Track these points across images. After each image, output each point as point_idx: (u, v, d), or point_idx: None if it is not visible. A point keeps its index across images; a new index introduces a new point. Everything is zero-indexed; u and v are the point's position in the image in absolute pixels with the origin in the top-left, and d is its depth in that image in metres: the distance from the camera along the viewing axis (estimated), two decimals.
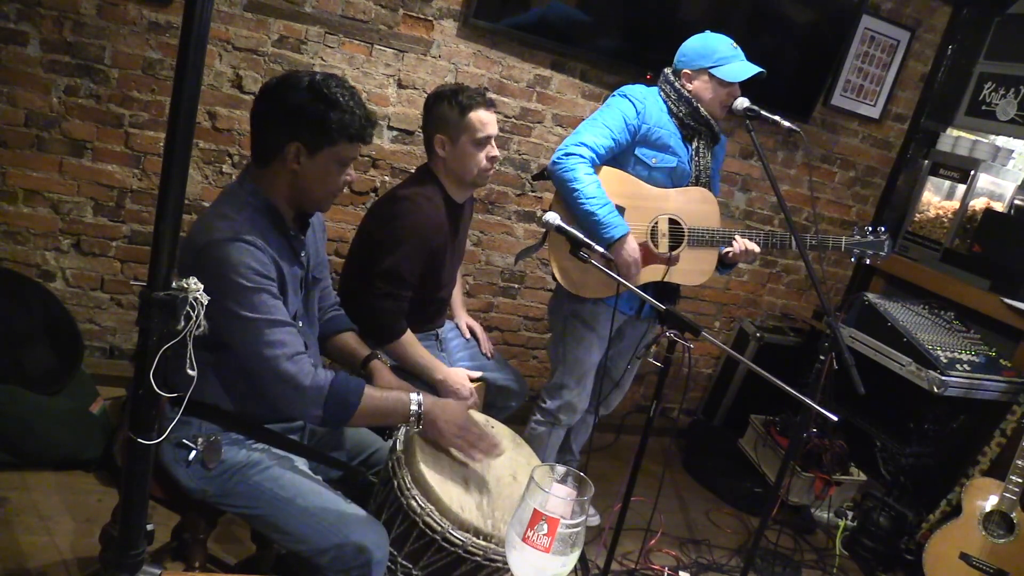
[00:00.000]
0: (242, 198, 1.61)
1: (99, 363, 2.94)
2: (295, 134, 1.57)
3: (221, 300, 1.50)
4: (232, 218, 1.55)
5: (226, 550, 2.28)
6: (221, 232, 1.52)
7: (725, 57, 2.42)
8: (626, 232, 2.37)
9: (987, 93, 3.76)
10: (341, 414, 1.59)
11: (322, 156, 1.60)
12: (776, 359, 3.65)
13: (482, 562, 1.54)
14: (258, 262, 1.53)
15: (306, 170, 1.60)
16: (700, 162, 2.53)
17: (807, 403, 1.74)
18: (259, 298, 1.52)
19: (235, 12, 2.74)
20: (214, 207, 1.63)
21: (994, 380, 3.04)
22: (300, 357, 1.56)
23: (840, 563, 3.15)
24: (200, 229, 1.56)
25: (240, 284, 1.50)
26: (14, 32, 2.53)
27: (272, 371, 1.53)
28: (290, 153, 1.59)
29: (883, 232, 2.62)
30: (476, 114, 2.22)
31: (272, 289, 1.56)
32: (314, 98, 1.56)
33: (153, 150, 2.79)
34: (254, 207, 1.60)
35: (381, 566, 1.60)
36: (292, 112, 1.57)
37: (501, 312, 3.53)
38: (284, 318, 1.56)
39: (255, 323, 1.52)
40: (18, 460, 2.42)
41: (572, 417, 2.71)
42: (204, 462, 1.62)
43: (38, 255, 2.79)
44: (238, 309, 1.51)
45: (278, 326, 1.54)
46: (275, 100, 1.59)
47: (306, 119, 1.57)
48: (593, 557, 2.61)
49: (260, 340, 1.52)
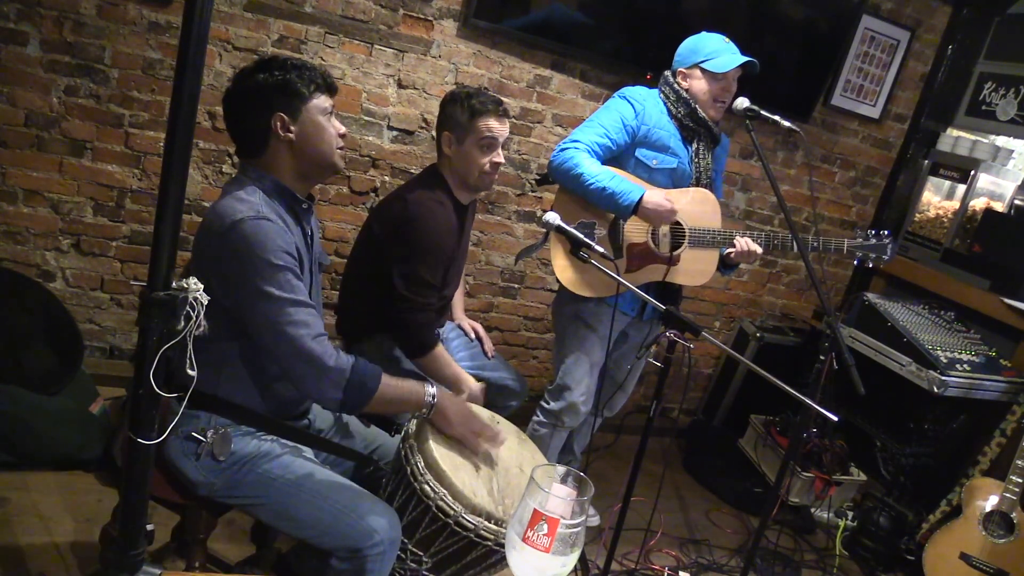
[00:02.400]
0: (251, 182, 1.63)
1: (99, 363, 2.94)
2: (271, 107, 1.61)
3: (248, 279, 1.52)
4: (249, 199, 1.57)
5: (226, 550, 2.28)
6: (243, 212, 1.53)
7: (715, 51, 2.43)
8: (643, 191, 2.37)
9: (987, 93, 3.76)
10: (360, 398, 1.60)
11: (305, 114, 1.63)
12: (776, 359, 3.64)
13: (493, 547, 1.55)
14: (283, 240, 1.55)
15: (299, 133, 1.64)
16: (700, 163, 2.53)
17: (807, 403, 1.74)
18: (284, 277, 1.54)
19: (235, 12, 2.74)
20: (224, 196, 1.63)
21: (994, 380, 3.04)
22: (323, 338, 1.57)
23: (840, 563, 3.15)
24: (218, 214, 1.56)
25: (268, 261, 1.52)
26: (14, 32, 2.53)
27: (297, 350, 1.54)
28: (277, 126, 1.62)
29: (886, 235, 2.61)
30: (485, 119, 2.23)
31: (296, 269, 1.57)
32: (269, 71, 1.62)
33: (153, 150, 2.79)
34: (264, 189, 1.62)
35: (392, 550, 1.60)
36: (258, 92, 1.62)
37: (501, 312, 3.53)
38: (307, 299, 1.58)
39: (282, 302, 1.53)
40: (18, 460, 2.41)
41: (575, 419, 2.71)
42: (214, 454, 1.62)
43: (38, 255, 2.79)
44: (265, 286, 1.52)
45: (302, 306, 1.55)
46: (239, 93, 1.64)
47: (273, 90, 1.61)
48: (593, 557, 2.61)
49: (285, 319, 1.53)
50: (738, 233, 2.52)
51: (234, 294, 1.54)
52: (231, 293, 1.54)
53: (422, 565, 1.63)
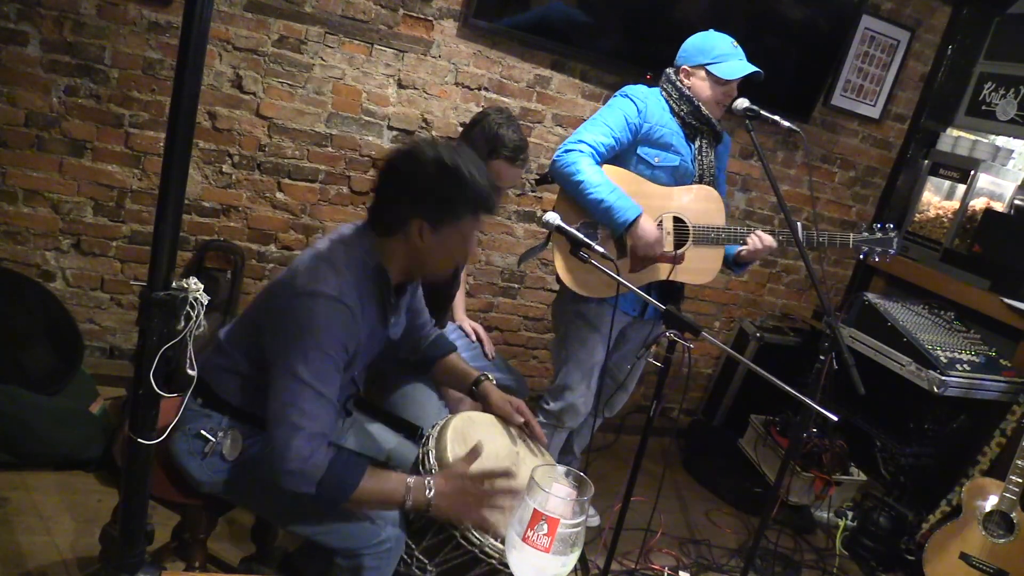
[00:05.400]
0: (358, 255, 1.57)
1: (99, 363, 2.94)
2: (418, 211, 1.54)
3: (291, 350, 1.47)
4: (343, 275, 1.51)
5: (226, 550, 2.28)
6: (327, 287, 1.48)
7: (723, 55, 2.42)
8: (640, 213, 2.35)
9: (987, 93, 3.75)
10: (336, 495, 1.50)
11: (446, 231, 1.56)
12: (776, 359, 3.64)
13: (496, 566, 1.54)
14: (347, 331, 1.49)
15: (429, 246, 1.57)
16: (703, 161, 2.53)
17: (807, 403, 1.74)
18: (324, 366, 1.48)
19: (235, 12, 2.74)
20: (329, 252, 1.56)
21: (994, 380, 3.04)
22: (320, 438, 1.48)
23: (840, 563, 3.14)
24: (306, 270, 1.51)
25: (315, 345, 1.47)
26: (14, 32, 2.53)
27: (286, 435, 1.46)
28: (414, 229, 1.55)
29: (891, 229, 2.60)
30: (501, 164, 2.24)
31: (340, 363, 1.51)
32: (439, 174, 1.52)
33: (153, 150, 2.79)
34: (365, 268, 1.56)
35: (398, 548, 1.59)
36: (416, 190, 1.54)
37: (501, 312, 3.53)
38: (331, 395, 1.51)
39: (304, 387, 1.46)
40: (18, 460, 2.41)
41: (576, 419, 2.70)
42: (223, 454, 1.61)
43: (38, 255, 2.79)
44: (298, 365, 1.46)
45: (321, 401, 1.48)
46: (399, 176, 1.56)
47: (431, 197, 1.53)
48: (593, 557, 2.61)
49: (296, 403, 1.46)
50: (745, 230, 2.51)
51: (274, 349, 1.50)
52: (272, 346, 1.51)
53: (426, 573, 1.62)
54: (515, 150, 2.23)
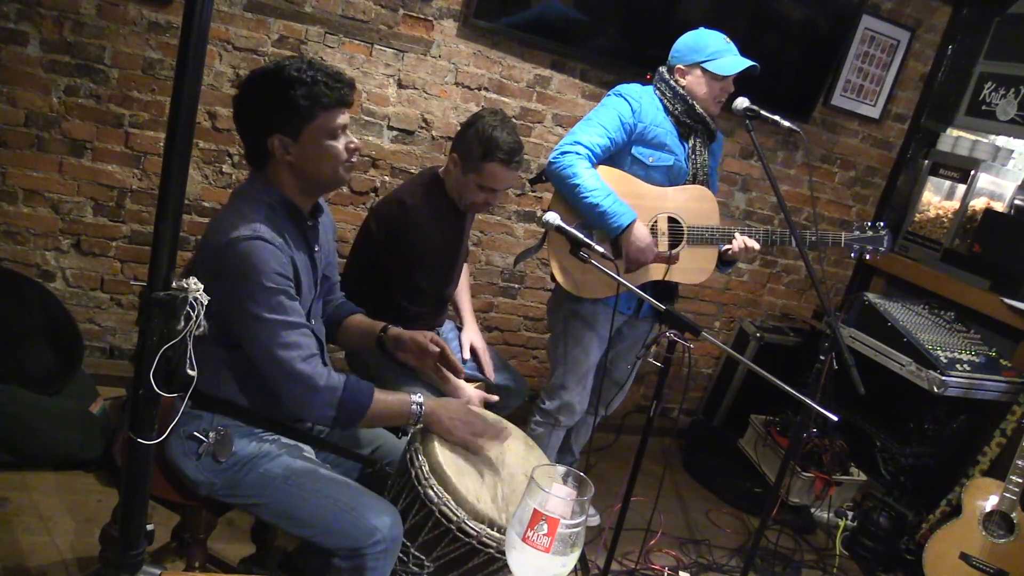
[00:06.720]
0: (257, 196, 1.61)
1: (99, 363, 2.94)
2: (270, 128, 1.56)
3: (240, 300, 1.52)
4: (251, 216, 1.54)
5: (226, 550, 2.28)
6: (240, 231, 1.51)
7: (718, 51, 2.42)
8: (634, 219, 2.35)
9: (987, 93, 3.75)
10: (353, 415, 1.61)
11: (306, 136, 1.57)
12: (776, 359, 3.64)
13: (495, 554, 1.55)
14: (278, 262, 1.53)
15: (299, 156, 1.58)
16: (697, 160, 2.53)
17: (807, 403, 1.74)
18: (277, 299, 1.53)
19: (235, 12, 2.74)
20: (231, 205, 1.63)
21: (994, 380, 3.04)
22: (314, 359, 1.58)
23: (840, 563, 3.14)
24: (218, 228, 1.55)
25: (260, 284, 1.51)
26: (14, 32, 2.53)
27: (286, 372, 1.55)
28: (276, 148, 1.57)
29: (882, 227, 2.61)
30: (496, 166, 2.23)
31: (290, 290, 1.56)
32: (266, 86, 1.55)
33: (153, 150, 2.79)
34: (270, 204, 1.60)
35: (394, 548, 1.60)
36: (258, 108, 1.57)
37: (501, 312, 3.53)
38: (299, 320, 1.57)
39: (272, 324, 1.53)
40: (18, 460, 2.41)
41: (571, 418, 2.71)
42: (215, 455, 1.63)
43: (38, 255, 2.79)
44: (256, 309, 1.52)
45: (294, 328, 1.55)
46: (240, 103, 1.60)
47: (273, 108, 1.55)
48: (593, 557, 2.61)
49: (276, 341, 1.53)
50: (736, 230, 2.52)
51: (228, 310, 1.54)
52: (226, 308, 1.53)
53: (424, 570, 1.62)
54: (510, 152, 2.23)
